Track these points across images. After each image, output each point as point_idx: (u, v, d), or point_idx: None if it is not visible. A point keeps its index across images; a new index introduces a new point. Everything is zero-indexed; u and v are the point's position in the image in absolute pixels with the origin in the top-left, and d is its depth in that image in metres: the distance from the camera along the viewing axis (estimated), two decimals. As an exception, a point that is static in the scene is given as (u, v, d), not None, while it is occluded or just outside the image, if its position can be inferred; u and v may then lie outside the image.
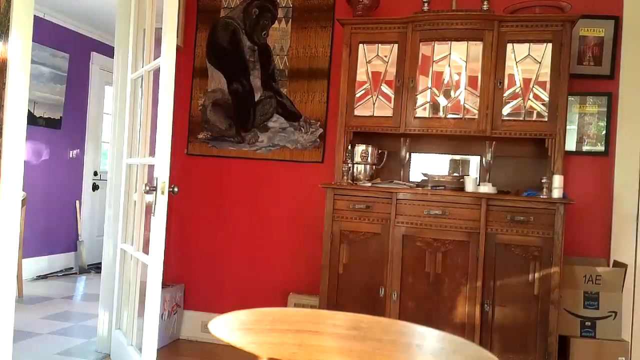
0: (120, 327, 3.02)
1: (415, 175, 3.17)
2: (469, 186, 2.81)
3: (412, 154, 3.19)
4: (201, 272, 3.61)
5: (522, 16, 2.84)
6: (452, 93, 2.88)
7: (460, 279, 2.70)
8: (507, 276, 2.67)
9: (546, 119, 2.78)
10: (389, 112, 2.97)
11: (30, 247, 5.08)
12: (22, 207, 4.12)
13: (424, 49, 2.91)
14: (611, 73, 3.06)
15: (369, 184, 2.94)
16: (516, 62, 2.83)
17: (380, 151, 3.14)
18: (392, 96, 2.97)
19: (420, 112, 2.92)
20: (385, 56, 3.00)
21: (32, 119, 5.10)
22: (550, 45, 2.78)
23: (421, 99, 2.92)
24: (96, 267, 5.67)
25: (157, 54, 2.54)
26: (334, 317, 1.70)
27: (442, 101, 2.89)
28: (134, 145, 2.99)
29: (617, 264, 2.91)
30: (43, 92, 5.27)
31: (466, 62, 2.86)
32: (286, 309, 1.77)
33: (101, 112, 6.11)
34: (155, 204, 2.29)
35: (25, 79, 2.17)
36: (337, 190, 2.89)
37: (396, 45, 2.97)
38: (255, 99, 3.52)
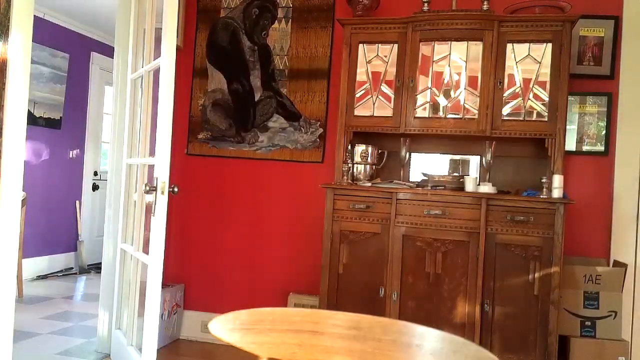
0: (120, 327, 3.02)
1: (415, 175, 3.17)
2: (469, 186, 2.81)
3: (412, 154, 3.19)
4: (201, 272, 3.61)
5: (522, 16, 2.84)
6: (452, 93, 2.88)
7: (460, 278, 2.70)
8: (507, 276, 2.67)
9: (546, 119, 2.78)
10: (389, 112, 2.97)
11: (30, 247, 5.08)
12: (22, 207, 4.12)
13: (424, 49, 2.91)
14: (611, 73, 3.06)
15: (369, 184, 2.94)
16: (516, 62, 2.83)
17: (380, 151, 3.14)
18: (392, 96, 2.97)
19: (420, 112, 2.92)
20: (385, 56, 3.00)
21: (32, 119, 5.11)
22: (550, 45, 2.78)
23: (421, 99, 2.92)
24: (96, 267, 5.67)
25: (157, 54, 2.54)
26: (334, 317, 1.70)
27: (442, 101, 2.89)
28: (134, 145, 2.99)
29: (617, 264, 2.91)
30: (43, 92, 5.27)
31: (466, 62, 2.86)
32: (286, 309, 1.77)
33: (101, 112, 6.11)
34: (155, 204, 2.29)
35: (25, 79, 2.17)
36: (337, 190, 2.89)
37: (396, 45, 2.97)
38: (255, 99, 3.52)
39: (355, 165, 3.10)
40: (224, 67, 3.58)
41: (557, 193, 2.67)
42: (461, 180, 2.89)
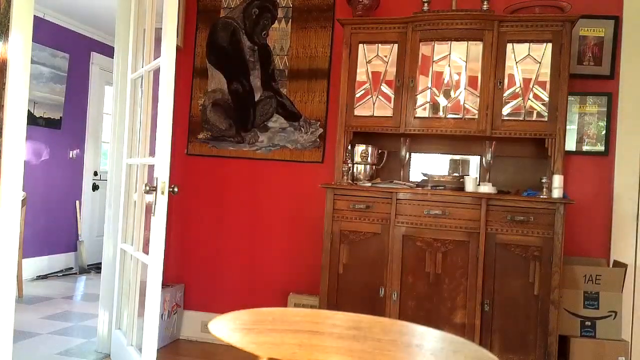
0: (120, 327, 3.02)
1: (415, 175, 3.17)
2: (469, 186, 2.81)
3: (412, 154, 3.19)
4: (201, 272, 3.61)
5: (522, 16, 2.84)
6: (452, 93, 2.88)
7: (460, 279, 2.70)
8: (507, 276, 2.67)
9: (546, 119, 2.78)
10: (389, 112, 2.97)
11: (30, 247, 5.08)
12: (22, 207, 4.12)
13: (424, 49, 2.91)
14: (611, 73, 3.06)
15: (369, 184, 2.94)
16: (516, 62, 2.83)
17: (380, 151, 3.14)
18: (392, 96, 2.97)
19: (420, 112, 2.92)
20: (385, 56, 3.00)
21: (32, 119, 5.11)
22: (550, 45, 2.78)
23: (421, 99, 2.92)
24: (96, 267, 5.68)
25: (157, 54, 2.54)
26: (334, 317, 1.70)
27: (442, 101, 2.89)
28: (134, 145, 2.99)
29: (617, 264, 2.91)
30: (43, 92, 5.27)
31: (466, 62, 2.86)
32: (286, 309, 1.78)
33: (101, 112, 6.12)
34: (155, 204, 2.29)
35: (25, 79, 2.17)
36: (337, 190, 2.89)
37: (396, 45, 2.97)
38: (255, 99, 3.52)
39: (355, 165, 3.10)
40: (224, 67, 3.58)
41: (557, 193, 2.67)
42: (461, 180, 2.89)
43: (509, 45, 2.82)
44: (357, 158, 3.09)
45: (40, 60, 5.14)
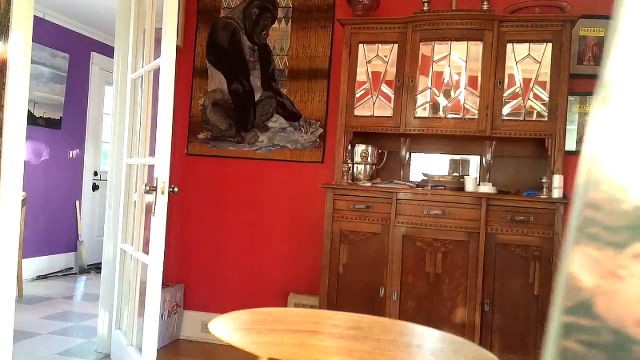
0: (120, 327, 3.02)
1: (415, 175, 3.17)
2: (469, 186, 2.81)
3: (412, 153, 3.19)
4: (201, 272, 3.61)
5: (522, 16, 2.84)
6: (452, 93, 2.88)
7: (460, 279, 2.70)
8: (507, 276, 2.67)
9: (546, 119, 2.78)
10: (389, 112, 2.97)
11: (30, 247, 5.08)
12: (22, 207, 4.12)
13: (424, 49, 2.91)
14: (611, 73, 3.05)
15: (369, 184, 2.94)
16: (516, 62, 2.83)
17: (380, 151, 3.14)
18: (392, 96, 2.97)
19: (420, 112, 2.92)
20: (385, 56, 3.00)
21: (32, 119, 5.10)
22: (550, 45, 2.78)
23: (421, 98, 2.92)
24: (96, 267, 5.67)
25: (157, 54, 2.54)
26: (334, 317, 1.70)
27: (442, 101, 2.89)
28: (134, 145, 2.99)
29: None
30: (43, 92, 5.27)
31: (466, 62, 2.86)
32: (286, 309, 1.78)
33: (101, 112, 6.12)
34: (155, 204, 2.29)
35: (25, 79, 2.17)
36: (337, 190, 2.89)
37: (396, 45, 2.97)
38: (255, 99, 3.52)
39: (355, 165, 3.10)
40: (224, 67, 3.58)
41: (557, 193, 2.67)
42: (461, 180, 2.89)
43: (509, 45, 2.82)
44: (357, 158, 3.09)
45: (40, 60, 5.14)
